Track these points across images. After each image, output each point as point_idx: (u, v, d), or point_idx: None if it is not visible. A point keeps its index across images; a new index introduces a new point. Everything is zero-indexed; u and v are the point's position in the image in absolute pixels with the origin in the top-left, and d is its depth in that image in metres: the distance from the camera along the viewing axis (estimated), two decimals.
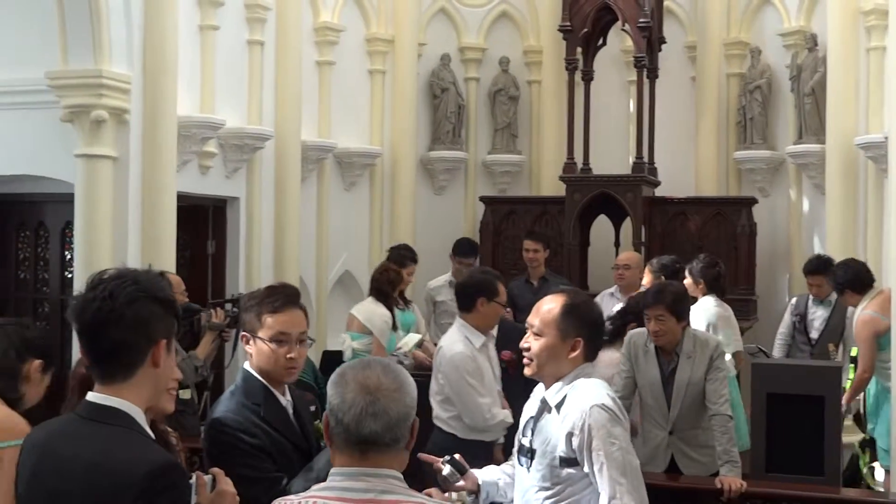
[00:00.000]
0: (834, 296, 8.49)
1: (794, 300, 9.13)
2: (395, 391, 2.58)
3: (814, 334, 8.67)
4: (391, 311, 7.99)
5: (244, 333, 3.86)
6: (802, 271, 9.00)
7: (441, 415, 5.98)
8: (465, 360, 5.83)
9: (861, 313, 7.57)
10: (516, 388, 5.76)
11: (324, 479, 3.63)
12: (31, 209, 8.82)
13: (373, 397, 2.54)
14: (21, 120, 8.12)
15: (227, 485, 2.97)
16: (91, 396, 2.68)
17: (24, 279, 8.90)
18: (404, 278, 8.34)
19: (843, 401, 7.23)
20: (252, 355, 3.82)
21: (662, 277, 7.13)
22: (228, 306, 7.00)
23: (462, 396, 5.85)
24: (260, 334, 3.77)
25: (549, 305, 3.83)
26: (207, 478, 3.02)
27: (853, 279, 7.65)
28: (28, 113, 8.06)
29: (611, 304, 8.23)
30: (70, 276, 8.41)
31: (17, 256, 8.89)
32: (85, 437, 2.63)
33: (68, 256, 8.57)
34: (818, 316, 8.67)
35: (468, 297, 5.95)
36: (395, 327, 8.04)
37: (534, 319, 3.83)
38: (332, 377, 2.66)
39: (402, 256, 8.88)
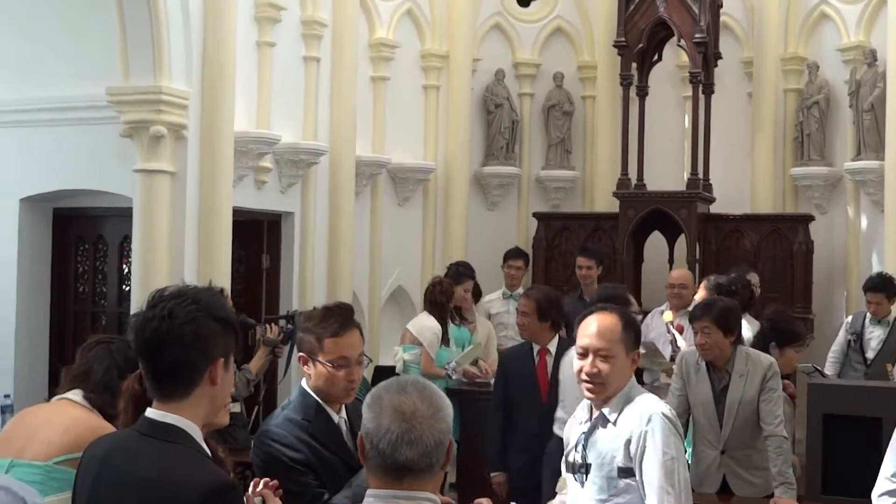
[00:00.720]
0: (893, 315, 8.39)
1: (849, 318, 8.99)
2: (430, 418, 2.52)
3: (870, 354, 8.53)
4: (444, 324, 7.97)
5: (302, 355, 3.84)
6: (863, 288, 8.87)
7: None
8: None
9: None
10: None
11: (360, 497, 3.66)
12: (90, 223, 8.95)
13: (409, 425, 2.48)
14: (81, 135, 8.27)
15: None
16: (150, 413, 2.70)
17: (82, 292, 9.02)
18: (456, 292, 8.32)
19: None
20: (311, 376, 3.82)
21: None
22: (283, 322, 7.06)
23: None
24: (320, 358, 3.76)
25: (609, 324, 3.81)
26: (257, 500, 3.07)
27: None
28: (88, 128, 8.20)
29: (661, 322, 8.17)
30: (127, 289, 8.52)
31: (76, 269, 9.01)
32: (143, 453, 2.65)
33: (126, 270, 8.68)
34: (875, 336, 8.53)
35: None
36: (447, 342, 8.00)
37: (597, 342, 3.78)
38: (368, 399, 2.61)
39: (458, 272, 8.84)
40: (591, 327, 3.84)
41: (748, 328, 7.10)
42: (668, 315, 7.97)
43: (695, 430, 5.80)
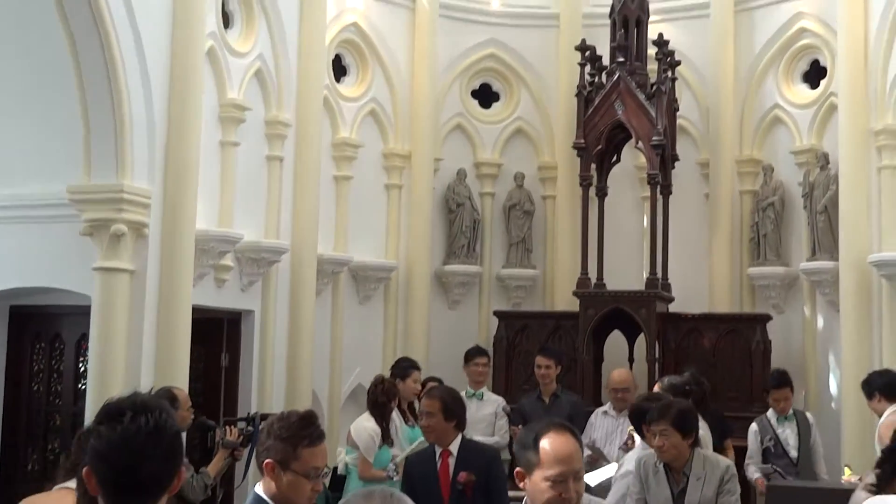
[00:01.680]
0: (791, 410, 8.32)
1: (754, 426, 8.49)
2: None
3: (793, 453, 8.23)
4: (385, 425, 7.67)
5: (270, 461, 3.68)
6: (768, 387, 8.65)
7: None
8: None
9: (886, 418, 7.45)
10: None
11: None
12: (48, 321, 8.85)
13: None
14: (41, 233, 8.22)
15: None
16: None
17: (37, 390, 8.87)
18: (407, 387, 8.11)
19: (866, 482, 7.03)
20: (273, 482, 3.68)
21: (671, 397, 7.02)
22: (242, 424, 6.96)
23: None
24: (294, 467, 3.65)
25: (574, 444, 3.45)
26: None
27: (887, 384, 7.49)
28: (49, 226, 8.16)
29: (605, 421, 8.10)
30: (83, 388, 8.39)
31: (31, 367, 8.88)
32: None
33: (82, 369, 8.56)
34: (789, 433, 8.28)
35: None
36: (390, 442, 7.68)
37: (577, 464, 3.40)
38: None
39: (402, 368, 8.51)
40: (565, 450, 3.40)
41: (705, 428, 7.09)
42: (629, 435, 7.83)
43: None
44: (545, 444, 3.37)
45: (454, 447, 5.80)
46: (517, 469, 3.48)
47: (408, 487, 5.87)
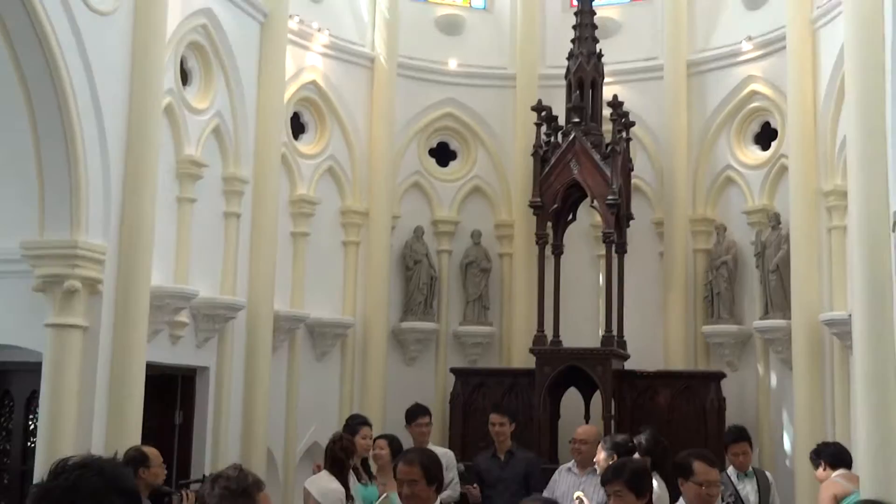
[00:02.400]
0: (751, 467, 8.31)
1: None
2: None
3: None
4: (346, 483, 7.57)
5: None
6: (727, 442, 8.46)
7: None
8: None
9: (826, 482, 7.53)
10: None
11: None
12: None
13: None
14: None
15: None
16: None
17: None
18: (358, 445, 7.95)
19: None
20: None
21: (615, 456, 6.97)
22: (198, 486, 6.84)
23: None
24: None
25: None
26: None
27: (835, 454, 7.53)
28: (0, 282, 8.01)
29: (568, 478, 8.04)
30: (32, 445, 8.20)
31: None
32: None
33: (32, 426, 8.37)
34: (749, 489, 8.25)
35: None
36: (351, 502, 7.57)
37: None
38: None
39: (351, 425, 8.36)
40: None
41: (661, 486, 7.05)
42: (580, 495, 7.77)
43: None
44: None
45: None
46: None
47: None
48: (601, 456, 7.22)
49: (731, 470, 8.32)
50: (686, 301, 11.42)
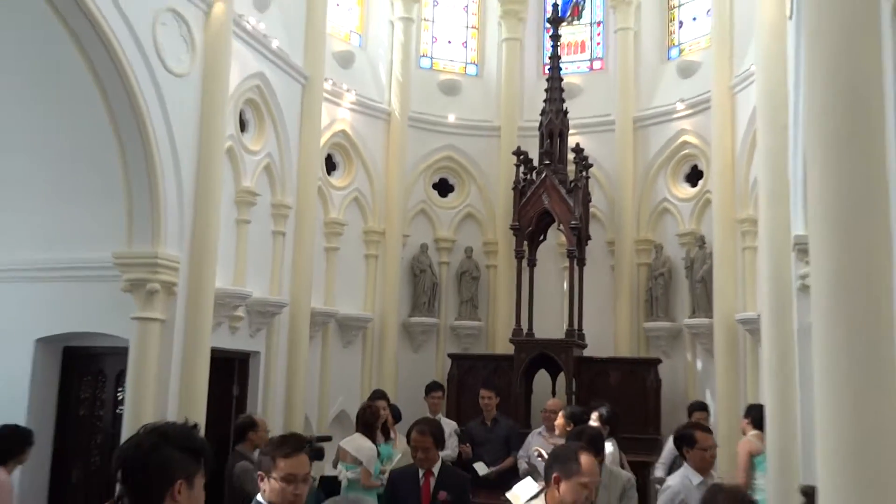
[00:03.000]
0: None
1: (671, 439, 8.56)
2: None
3: None
4: (375, 442, 7.61)
5: (261, 472, 3.69)
6: (691, 409, 8.79)
7: None
8: None
9: (744, 440, 7.57)
10: None
11: None
12: (93, 359, 8.59)
13: None
14: (91, 289, 8.02)
15: None
16: None
17: (83, 415, 8.55)
18: (380, 413, 7.99)
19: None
20: (265, 490, 3.66)
21: (571, 423, 6.93)
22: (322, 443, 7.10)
23: None
24: (273, 474, 3.62)
25: None
26: None
27: (758, 417, 7.54)
28: (97, 284, 7.95)
29: (539, 440, 8.02)
30: (120, 413, 8.16)
31: (78, 396, 8.59)
32: None
33: (120, 398, 8.31)
34: None
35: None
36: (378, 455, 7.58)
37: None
38: None
39: (374, 397, 8.52)
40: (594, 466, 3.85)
41: (615, 446, 7.03)
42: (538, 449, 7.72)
43: None
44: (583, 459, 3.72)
45: (436, 469, 5.54)
46: (555, 474, 3.75)
47: (392, 499, 5.67)
48: (560, 421, 7.21)
49: None
50: (631, 303, 11.39)
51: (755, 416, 7.55)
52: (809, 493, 3.65)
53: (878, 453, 2.36)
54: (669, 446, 8.36)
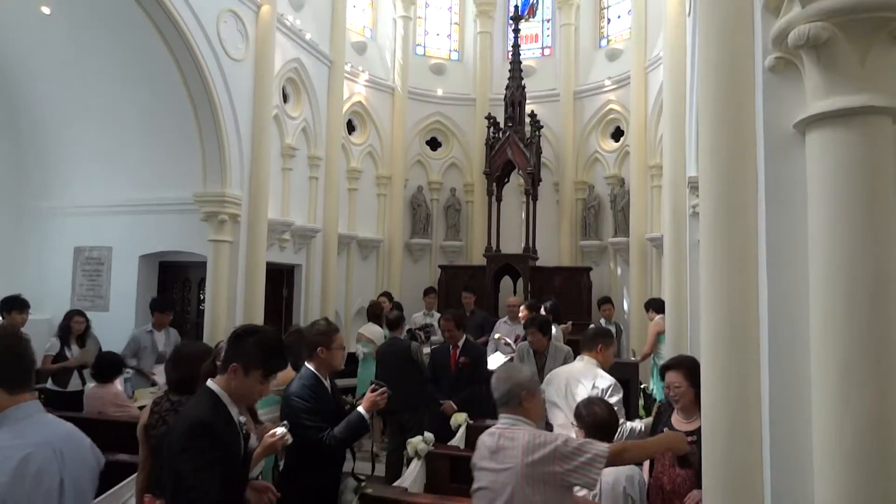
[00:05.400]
0: (613, 319, 8.37)
1: (592, 327, 8.53)
2: (504, 381, 2.83)
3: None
4: (381, 327, 7.71)
5: (321, 346, 3.62)
6: (599, 303, 8.64)
7: None
8: None
9: (652, 323, 7.61)
10: (465, 380, 5.72)
11: (351, 429, 3.48)
12: (182, 270, 8.65)
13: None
14: (177, 219, 8.04)
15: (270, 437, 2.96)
16: (207, 383, 2.59)
17: (175, 311, 8.64)
18: (383, 307, 8.08)
19: (640, 357, 7.26)
20: (319, 359, 3.62)
21: (527, 311, 7.04)
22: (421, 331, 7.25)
23: None
24: (332, 346, 3.62)
25: None
26: (281, 429, 2.95)
27: (658, 305, 7.61)
28: (182, 215, 7.97)
29: (505, 328, 8.15)
30: (202, 308, 8.25)
31: (172, 297, 8.68)
32: (192, 402, 2.56)
33: (202, 298, 8.41)
34: (611, 331, 8.27)
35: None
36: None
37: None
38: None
39: (382, 295, 8.68)
40: None
41: (556, 329, 7.15)
42: (499, 335, 7.81)
43: None
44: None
45: (461, 344, 5.87)
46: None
47: (434, 366, 5.93)
48: (523, 311, 7.31)
49: (601, 320, 8.44)
50: (571, 227, 11.43)
51: (654, 305, 7.60)
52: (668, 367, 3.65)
53: (745, 326, 2.45)
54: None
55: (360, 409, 3.51)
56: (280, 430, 3.01)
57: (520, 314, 7.41)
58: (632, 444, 2.78)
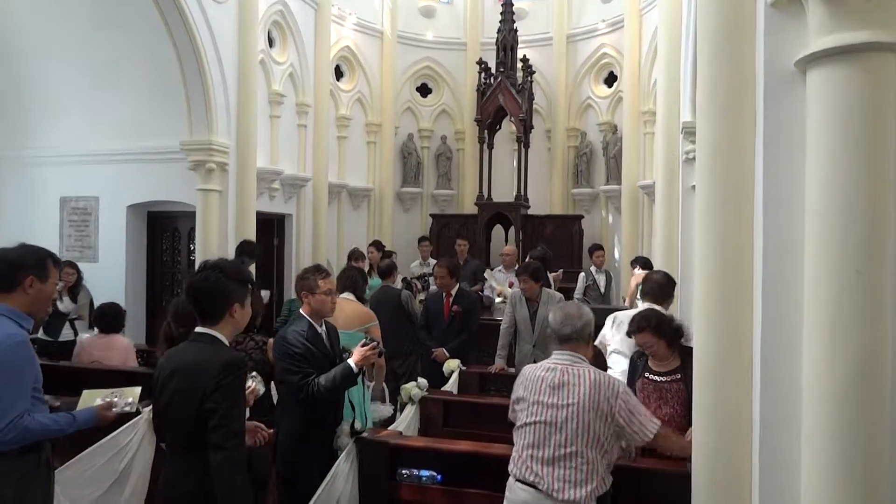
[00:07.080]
0: (603, 267, 8.39)
1: (582, 274, 8.51)
2: (577, 318, 2.91)
3: (602, 290, 8.37)
4: (370, 276, 7.63)
5: (305, 291, 3.63)
6: (590, 250, 8.59)
7: None
8: None
9: (634, 277, 7.67)
10: (457, 328, 5.82)
11: (337, 379, 3.52)
12: (170, 220, 8.56)
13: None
14: (165, 169, 7.91)
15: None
16: (197, 329, 2.58)
17: (165, 262, 8.61)
18: (371, 256, 7.94)
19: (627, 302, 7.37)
20: (308, 304, 3.63)
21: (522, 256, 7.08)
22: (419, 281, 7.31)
23: None
24: (318, 291, 3.61)
25: None
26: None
27: (644, 262, 7.65)
28: (169, 164, 7.84)
29: (498, 275, 8.19)
30: (192, 259, 8.22)
31: (161, 248, 8.63)
32: (192, 350, 2.56)
33: (192, 248, 8.37)
34: (602, 280, 8.43)
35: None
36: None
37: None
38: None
39: (370, 245, 8.65)
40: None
41: (551, 278, 7.20)
42: (491, 284, 7.82)
43: (518, 335, 5.79)
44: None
45: (454, 292, 5.91)
46: None
47: (426, 314, 6.00)
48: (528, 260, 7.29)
49: (592, 267, 8.48)
50: (563, 175, 11.37)
51: (641, 262, 7.67)
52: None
53: (739, 270, 2.45)
54: (581, 281, 8.57)
55: (351, 361, 3.52)
56: (250, 382, 3.06)
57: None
58: (671, 435, 2.88)
